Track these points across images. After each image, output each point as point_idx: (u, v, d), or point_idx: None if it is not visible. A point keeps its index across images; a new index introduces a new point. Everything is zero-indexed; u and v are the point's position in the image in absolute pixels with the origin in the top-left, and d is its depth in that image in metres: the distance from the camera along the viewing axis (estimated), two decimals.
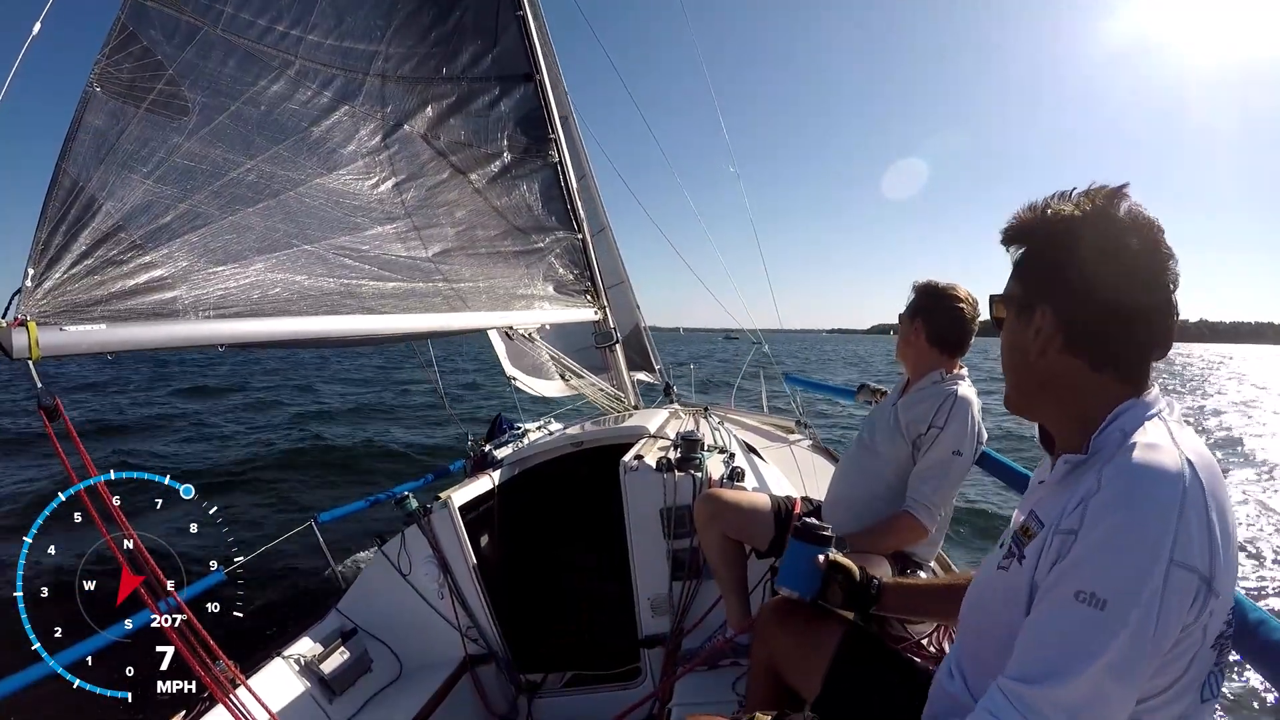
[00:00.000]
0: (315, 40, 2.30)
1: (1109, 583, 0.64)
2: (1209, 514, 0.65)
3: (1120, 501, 0.66)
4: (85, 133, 1.56)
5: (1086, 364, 0.79)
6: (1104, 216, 0.78)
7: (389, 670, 2.17)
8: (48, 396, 1.30)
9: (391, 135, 2.51)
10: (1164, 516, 0.64)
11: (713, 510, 1.92)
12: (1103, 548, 0.65)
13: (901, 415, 1.78)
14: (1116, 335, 0.78)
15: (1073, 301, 0.79)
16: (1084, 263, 0.77)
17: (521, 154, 3.03)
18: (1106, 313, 0.77)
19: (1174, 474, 0.66)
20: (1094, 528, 0.67)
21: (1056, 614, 0.67)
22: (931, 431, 1.70)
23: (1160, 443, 0.70)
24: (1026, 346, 0.82)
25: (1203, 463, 0.69)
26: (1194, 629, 0.66)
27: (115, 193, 1.59)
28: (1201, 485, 0.66)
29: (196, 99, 1.85)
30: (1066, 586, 0.67)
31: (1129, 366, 0.79)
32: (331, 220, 2.16)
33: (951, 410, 1.69)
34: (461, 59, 2.87)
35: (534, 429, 3.32)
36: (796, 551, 1.26)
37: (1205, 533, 0.65)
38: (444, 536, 2.26)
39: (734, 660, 1.89)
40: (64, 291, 1.43)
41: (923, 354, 1.80)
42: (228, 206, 1.85)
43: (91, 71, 1.60)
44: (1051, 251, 0.81)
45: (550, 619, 2.75)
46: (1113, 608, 0.63)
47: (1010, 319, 0.86)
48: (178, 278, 1.66)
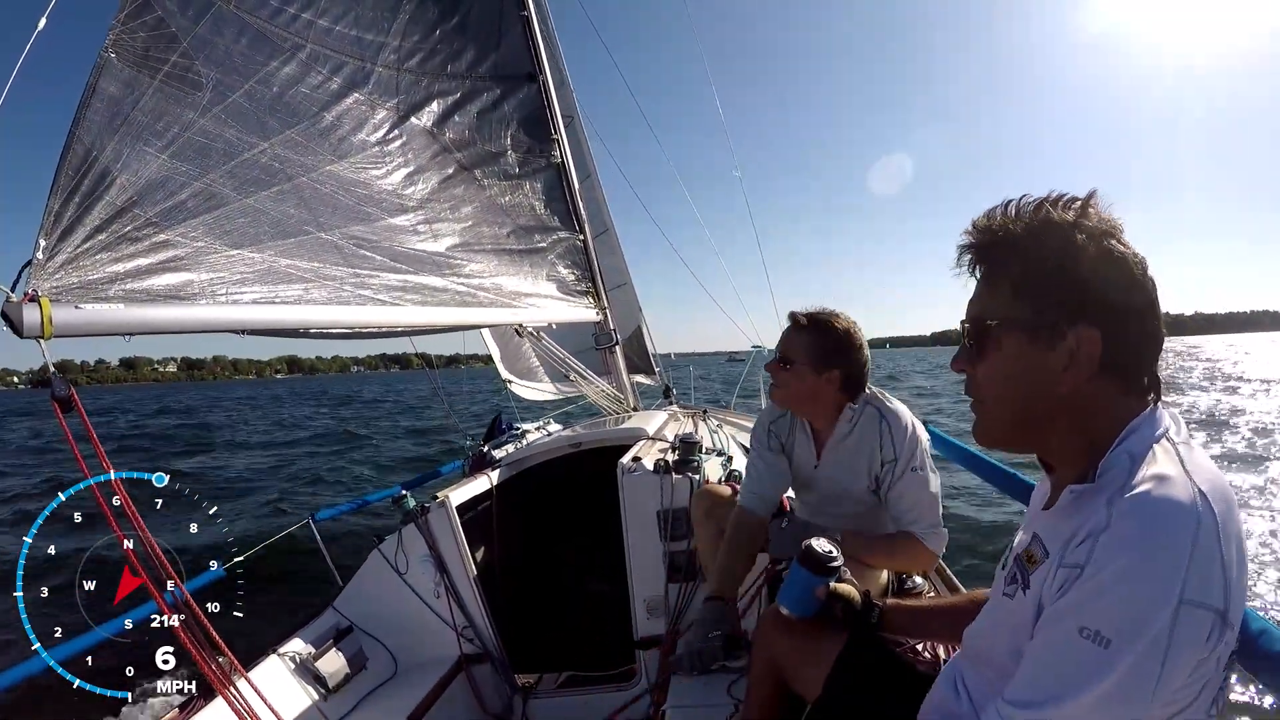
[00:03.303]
0: (326, 26, 2.24)
1: (1115, 624, 0.62)
2: (1222, 547, 0.63)
3: (1131, 543, 0.63)
4: (99, 100, 1.47)
5: (1119, 385, 0.73)
6: (1105, 225, 0.73)
7: (384, 668, 2.13)
8: (62, 386, 1.19)
9: (400, 126, 2.45)
10: (1177, 558, 0.61)
11: (707, 506, 1.91)
12: (1111, 588, 0.63)
13: (841, 476, 1.62)
14: (1148, 351, 0.74)
15: (1115, 319, 0.72)
16: (1108, 276, 0.72)
17: (525, 153, 3.01)
18: (1141, 327, 0.73)
19: (1187, 510, 0.63)
20: (1102, 567, 0.64)
21: (1059, 645, 0.65)
22: (887, 467, 1.55)
23: (1170, 474, 0.66)
24: (1046, 375, 0.74)
25: (1215, 491, 0.66)
26: (1208, 661, 0.64)
27: (130, 165, 1.49)
28: (1215, 518, 0.63)
29: (210, 75, 1.77)
30: (1071, 622, 0.64)
31: (1149, 380, 0.75)
32: (344, 208, 2.09)
33: (894, 434, 1.55)
34: (466, 56, 2.84)
35: (533, 430, 3.27)
36: (798, 577, 1.21)
37: (1219, 568, 0.62)
38: (441, 536, 2.23)
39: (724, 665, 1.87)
40: (78, 266, 1.33)
41: (832, 403, 1.61)
42: (242, 188, 1.77)
43: (107, 36, 1.50)
44: (1066, 265, 0.73)
45: (546, 619, 2.70)
46: (1116, 647, 0.61)
47: (1015, 345, 0.76)
48: (194, 259, 1.57)
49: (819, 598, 1.20)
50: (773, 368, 1.65)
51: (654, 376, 4.14)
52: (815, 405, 1.63)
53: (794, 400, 1.65)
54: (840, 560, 1.21)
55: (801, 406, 1.66)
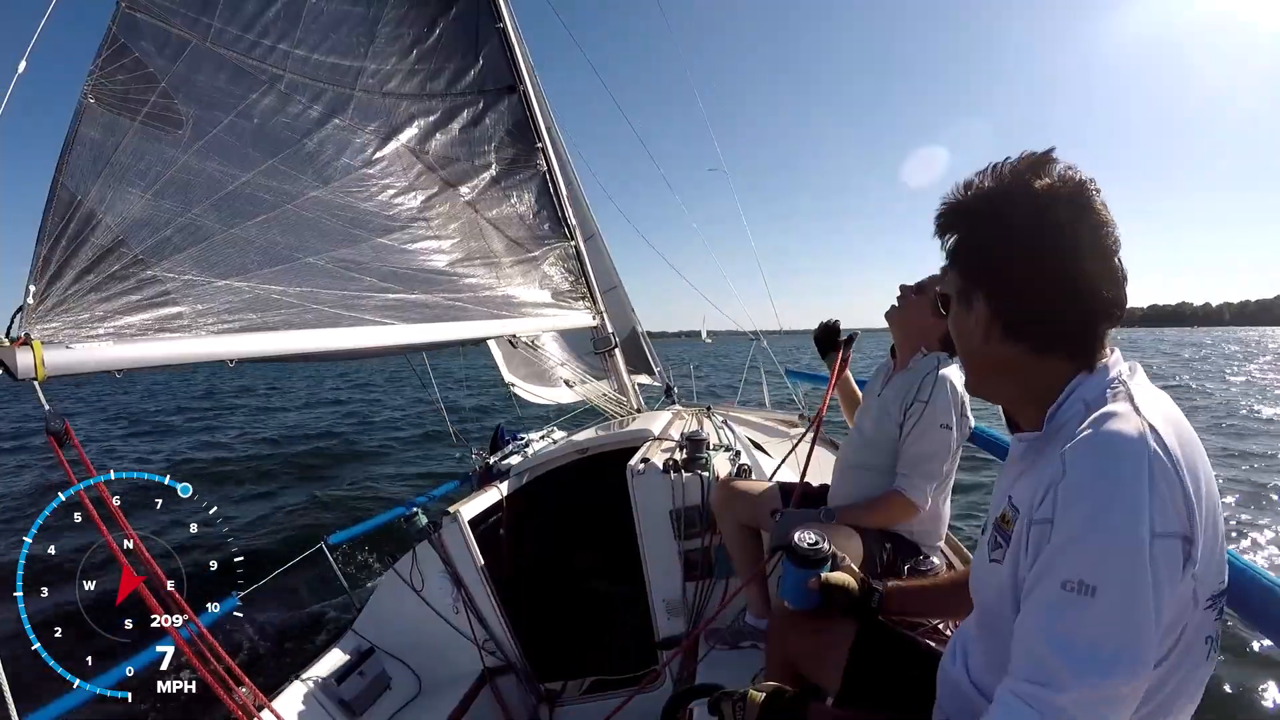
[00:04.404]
0: (303, 55, 2.28)
1: (1094, 569, 0.62)
2: (1178, 474, 0.63)
3: (1087, 484, 0.64)
4: (81, 145, 1.51)
5: (1030, 349, 0.76)
6: (1024, 191, 0.73)
7: (408, 688, 2.13)
8: (56, 421, 1.24)
9: (382, 149, 2.49)
10: (1135, 492, 0.62)
11: (726, 497, 1.94)
12: (1081, 534, 0.63)
13: (890, 397, 1.75)
14: (1056, 316, 0.74)
15: (1003, 288, 0.75)
16: (1009, 244, 0.73)
17: (510, 164, 3.04)
18: (1040, 296, 0.73)
19: (1135, 443, 0.64)
20: (1067, 515, 0.64)
21: (1049, 609, 0.64)
22: (916, 406, 1.67)
23: (1118, 411, 0.67)
24: (970, 336, 0.80)
25: (1167, 423, 0.67)
26: (1183, 591, 0.65)
27: (114, 207, 1.54)
28: (1165, 446, 0.64)
29: (190, 112, 1.81)
30: (1052, 579, 0.64)
31: (1075, 344, 0.75)
32: (331, 232, 2.12)
33: (936, 384, 1.67)
34: (445, 74, 2.88)
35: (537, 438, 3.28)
36: (789, 572, 1.23)
37: (1180, 494, 0.63)
38: (455, 550, 2.23)
39: (754, 644, 1.88)
40: (67, 308, 1.37)
41: (924, 327, 1.74)
42: (227, 220, 1.81)
43: (85, 82, 1.55)
44: (979, 235, 0.77)
45: (566, 626, 2.70)
46: (1103, 593, 0.61)
47: (954, 308, 0.82)
48: (181, 292, 1.60)
49: (813, 589, 1.20)
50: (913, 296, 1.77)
51: (654, 376, 4.15)
52: (918, 340, 1.77)
53: (909, 326, 1.79)
54: (827, 548, 1.21)
55: (909, 338, 1.80)
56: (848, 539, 1.66)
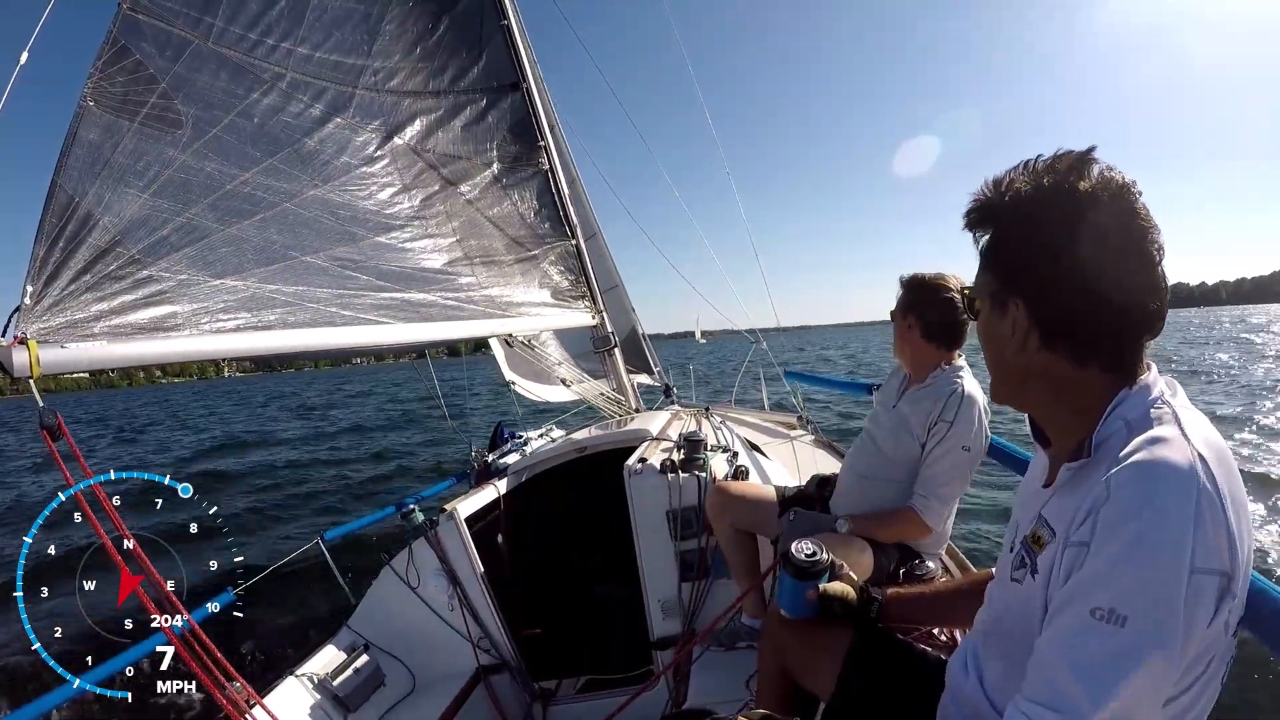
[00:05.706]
0: (305, 53, 2.29)
1: (1128, 599, 0.60)
2: (1225, 512, 0.61)
3: (1131, 512, 0.62)
4: (79, 147, 1.54)
5: (1069, 360, 0.73)
6: (1068, 193, 0.70)
7: (402, 684, 2.15)
8: (50, 415, 1.27)
9: (383, 147, 2.50)
10: (1181, 525, 0.60)
11: (722, 502, 1.95)
12: (1119, 563, 0.61)
13: (909, 413, 1.74)
14: (1098, 327, 0.72)
15: (1044, 295, 0.73)
16: (1052, 250, 0.70)
17: (512, 162, 3.04)
18: (1083, 305, 0.71)
19: (1186, 476, 0.61)
20: (1107, 541, 0.62)
21: (1075, 633, 0.63)
22: (940, 426, 1.66)
23: (1167, 437, 0.65)
24: (1004, 342, 0.77)
25: (1214, 454, 0.65)
26: (1217, 623, 0.63)
27: (111, 207, 1.56)
28: (1215, 481, 0.62)
29: (190, 112, 1.84)
30: (1082, 604, 0.62)
31: (1116, 357, 0.72)
32: (329, 231, 2.14)
33: (960, 406, 1.66)
34: (449, 72, 2.88)
35: (536, 436, 3.29)
36: (787, 582, 1.22)
37: (1224, 532, 0.61)
38: (451, 548, 2.24)
39: (749, 644, 1.89)
40: (64, 308, 1.40)
41: (920, 350, 1.75)
42: (225, 219, 1.83)
43: (85, 85, 1.57)
44: (1017, 238, 0.74)
45: (561, 625, 2.72)
46: (1134, 624, 0.59)
47: (985, 311, 0.79)
48: (177, 291, 1.63)
49: (812, 600, 1.20)
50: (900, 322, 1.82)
51: (654, 376, 4.15)
52: (904, 350, 1.80)
53: (896, 347, 1.84)
54: (825, 559, 1.20)
55: (899, 353, 1.83)
56: (860, 552, 1.66)
